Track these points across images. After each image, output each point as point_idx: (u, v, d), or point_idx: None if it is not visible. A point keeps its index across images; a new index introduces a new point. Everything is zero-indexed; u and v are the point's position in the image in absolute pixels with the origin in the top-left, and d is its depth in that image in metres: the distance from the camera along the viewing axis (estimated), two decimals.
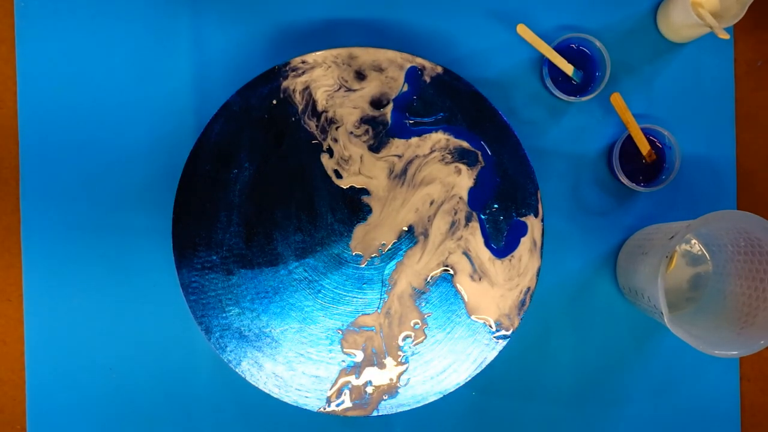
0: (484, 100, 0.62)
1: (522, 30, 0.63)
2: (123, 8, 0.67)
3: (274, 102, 0.62)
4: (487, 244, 0.63)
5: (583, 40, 0.65)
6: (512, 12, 0.67)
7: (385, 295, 0.64)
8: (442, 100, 0.63)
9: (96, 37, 0.67)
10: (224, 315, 0.62)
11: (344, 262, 0.64)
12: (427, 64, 0.62)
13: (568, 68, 0.64)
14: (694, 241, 0.67)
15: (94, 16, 0.67)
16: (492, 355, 0.62)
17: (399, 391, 0.62)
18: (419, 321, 0.63)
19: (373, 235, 0.64)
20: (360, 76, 0.63)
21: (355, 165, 0.63)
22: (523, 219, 0.63)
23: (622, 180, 0.64)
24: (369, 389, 0.62)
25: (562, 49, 0.65)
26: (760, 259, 0.57)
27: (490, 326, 0.63)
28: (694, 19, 0.61)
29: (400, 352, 0.63)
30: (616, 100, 0.65)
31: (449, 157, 0.63)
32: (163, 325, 0.67)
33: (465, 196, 0.63)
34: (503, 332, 0.63)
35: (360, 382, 0.62)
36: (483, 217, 0.63)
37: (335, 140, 0.63)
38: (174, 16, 0.67)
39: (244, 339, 0.62)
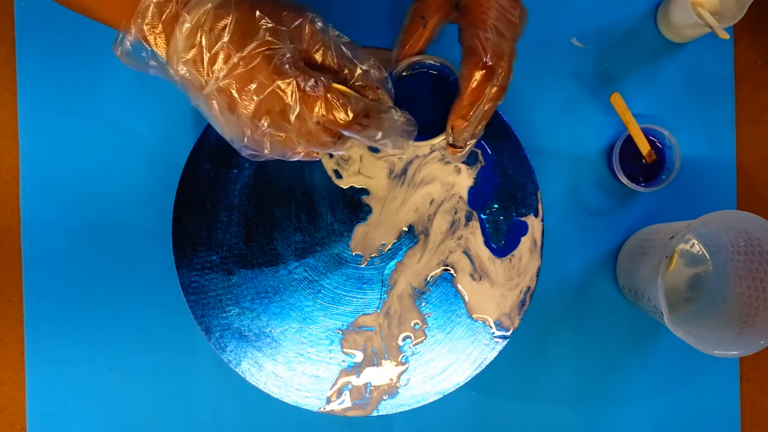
0: None
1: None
2: None
3: None
4: (487, 244, 0.63)
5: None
6: None
7: (385, 295, 0.64)
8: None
9: (96, 37, 0.66)
10: (224, 315, 0.62)
11: (344, 262, 0.64)
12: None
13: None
14: (693, 241, 0.67)
15: None
16: (492, 355, 0.62)
17: (399, 391, 0.62)
18: (419, 321, 0.63)
19: (373, 235, 0.64)
20: None
21: (355, 165, 0.63)
22: (523, 219, 0.63)
23: (622, 180, 0.64)
24: (369, 389, 0.62)
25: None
26: (760, 259, 0.57)
27: (490, 326, 0.63)
28: (694, 19, 0.61)
29: (400, 352, 0.63)
30: (616, 100, 0.65)
31: None
32: (163, 325, 0.67)
33: (465, 195, 0.63)
34: (503, 332, 0.63)
35: (360, 382, 0.62)
36: (483, 216, 0.63)
37: None
38: None
39: (244, 339, 0.62)
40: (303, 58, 0.43)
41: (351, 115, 0.43)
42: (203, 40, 0.41)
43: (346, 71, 0.45)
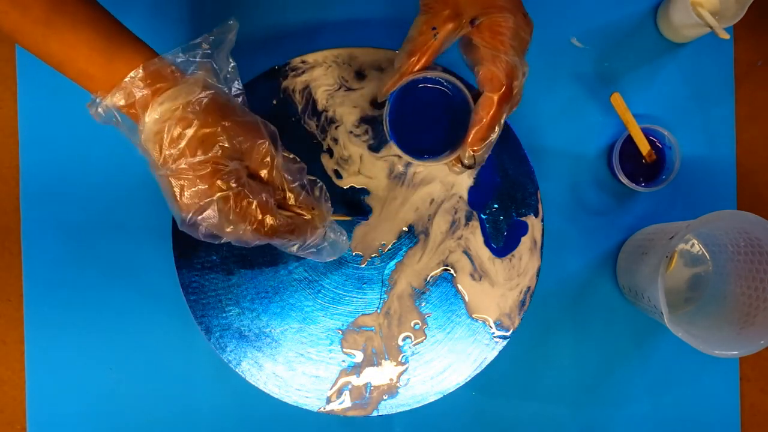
0: None
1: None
2: (122, 10, 0.67)
3: (274, 102, 0.62)
4: (487, 244, 0.63)
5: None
6: None
7: (385, 295, 0.64)
8: None
9: None
10: (224, 315, 0.62)
11: (344, 262, 0.64)
12: None
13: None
14: (693, 241, 0.67)
15: None
16: (492, 355, 0.62)
17: (399, 391, 0.62)
18: (419, 321, 0.63)
19: (373, 235, 0.64)
20: (360, 75, 0.63)
21: (355, 165, 0.63)
22: (523, 219, 0.63)
23: (622, 180, 0.64)
24: (369, 389, 0.62)
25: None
26: (760, 259, 0.58)
27: (490, 326, 0.63)
28: (694, 19, 0.61)
29: (400, 352, 0.63)
30: (616, 100, 0.65)
31: None
32: (163, 325, 0.67)
33: (465, 195, 0.63)
34: (503, 332, 0.63)
35: (360, 382, 0.62)
36: (483, 216, 0.63)
37: (335, 140, 0.63)
38: (173, 16, 0.67)
39: (244, 339, 0.62)
40: (249, 173, 0.48)
41: (276, 230, 0.48)
42: (165, 133, 0.45)
43: (287, 192, 0.50)
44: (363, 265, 0.64)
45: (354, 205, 0.64)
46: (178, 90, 0.46)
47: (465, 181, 0.63)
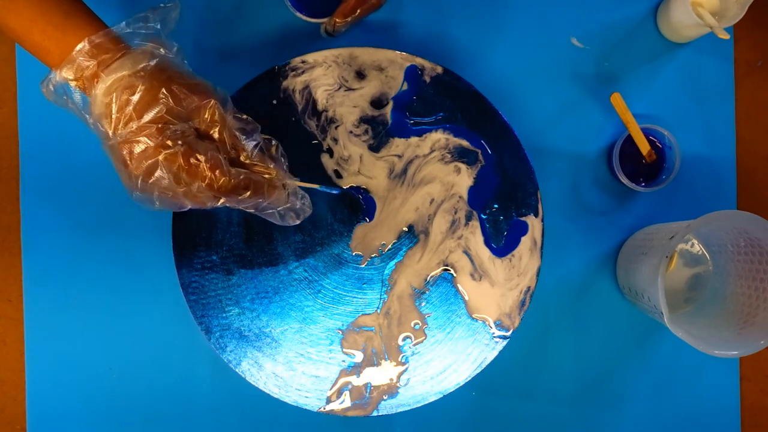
0: (484, 100, 0.62)
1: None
2: (122, 8, 0.67)
3: (274, 102, 0.62)
4: (487, 243, 0.63)
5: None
6: (512, 12, 0.67)
7: (385, 295, 0.64)
8: (442, 100, 0.63)
9: None
10: (224, 315, 0.62)
11: (344, 262, 0.64)
12: (426, 64, 0.62)
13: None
14: (693, 241, 0.67)
15: None
16: (492, 355, 0.62)
17: (399, 391, 0.62)
18: (419, 321, 0.63)
19: (373, 235, 0.64)
20: (360, 75, 0.63)
21: (355, 165, 0.63)
22: (523, 218, 0.63)
23: (622, 180, 0.64)
24: (369, 389, 0.62)
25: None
26: (760, 259, 0.57)
27: (490, 326, 0.63)
28: (694, 19, 0.61)
29: (400, 352, 0.63)
30: (616, 100, 0.65)
31: (449, 156, 0.63)
32: (163, 325, 0.67)
33: (465, 195, 0.63)
34: (503, 332, 0.63)
35: (360, 382, 0.62)
36: (483, 216, 0.63)
37: (335, 140, 0.63)
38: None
39: (244, 339, 0.62)
40: (198, 134, 0.49)
41: (230, 186, 0.49)
42: (113, 102, 0.47)
43: (238, 149, 0.51)
44: (363, 265, 0.64)
45: (354, 205, 0.64)
46: (124, 61, 0.47)
47: (465, 180, 0.63)
